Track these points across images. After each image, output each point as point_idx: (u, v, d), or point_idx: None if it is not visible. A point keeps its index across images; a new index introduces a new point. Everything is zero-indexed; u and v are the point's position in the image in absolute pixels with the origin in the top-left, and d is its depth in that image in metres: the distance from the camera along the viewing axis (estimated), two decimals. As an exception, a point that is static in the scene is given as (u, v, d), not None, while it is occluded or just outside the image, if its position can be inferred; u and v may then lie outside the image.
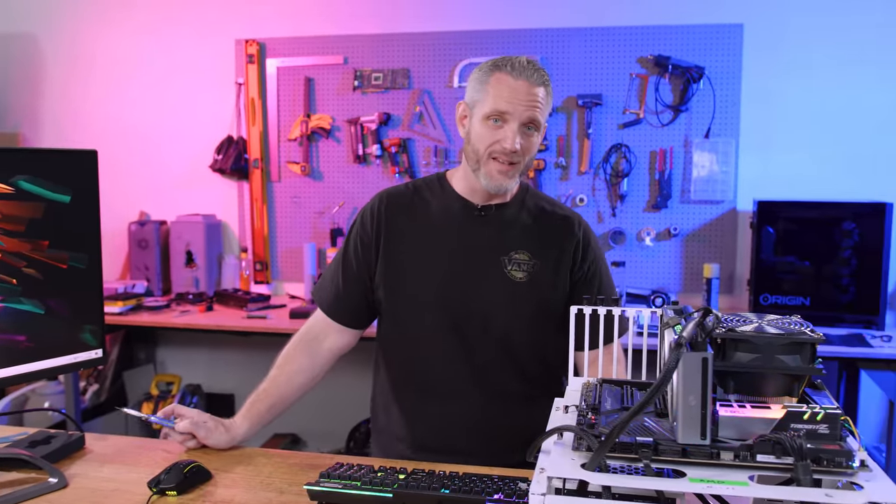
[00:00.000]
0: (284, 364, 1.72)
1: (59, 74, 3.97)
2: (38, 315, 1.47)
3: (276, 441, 3.66)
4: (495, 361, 1.67)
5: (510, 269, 1.66)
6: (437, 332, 1.67)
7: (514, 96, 1.56)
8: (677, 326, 0.95)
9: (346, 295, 1.74)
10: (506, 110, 1.57)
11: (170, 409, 1.59)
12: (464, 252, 1.68)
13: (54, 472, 1.41)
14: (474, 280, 1.67)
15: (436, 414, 1.69)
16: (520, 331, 1.67)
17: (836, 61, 3.21)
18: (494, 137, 1.58)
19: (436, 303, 1.67)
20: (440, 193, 1.73)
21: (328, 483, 1.28)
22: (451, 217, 1.70)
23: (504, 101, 1.57)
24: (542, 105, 1.60)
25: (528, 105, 1.57)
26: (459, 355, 1.67)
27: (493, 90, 1.58)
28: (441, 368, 1.68)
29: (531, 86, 1.57)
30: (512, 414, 1.68)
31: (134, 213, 3.92)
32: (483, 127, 1.60)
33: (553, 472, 0.86)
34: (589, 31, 3.39)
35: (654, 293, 3.22)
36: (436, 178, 1.77)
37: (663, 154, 3.35)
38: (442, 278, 1.67)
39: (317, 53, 3.65)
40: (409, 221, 1.71)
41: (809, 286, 3.07)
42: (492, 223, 1.69)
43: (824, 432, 0.86)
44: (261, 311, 3.37)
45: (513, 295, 1.66)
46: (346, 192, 3.68)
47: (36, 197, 1.44)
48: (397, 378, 1.75)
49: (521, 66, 1.58)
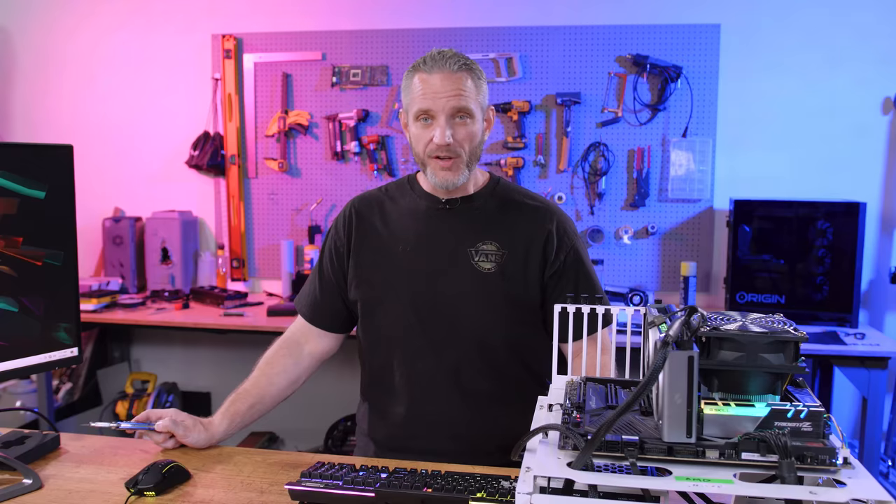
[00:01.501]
0: (266, 366, 1.71)
1: (31, 68, 3.90)
2: (12, 313, 1.44)
3: (254, 439, 3.64)
4: (467, 359, 1.64)
5: (477, 260, 1.63)
6: (405, 329, 1.65)
7: (432, 92, 1.56)
8: (662, 325, 0.95)
9: (322, 301, 1.75)
10: (428, 107, 1.57)
11: (144, 415, 1.57)
12: (430, 248, 1.66)
13: (29, 472, 1.38)
14: (441, 274, 1.64)
15: (408, 414, 1.67)
16: (491, 325, 1.63)
17: (812, 62, 3.25)
18: (427, 136, 1.58)
19: (404, 300, 1.65)
20: (409, 193, 1.73)
21: (309, 482, 1.27)
22: (417, 214, 1.69)
23: (424, 98, 1.56)
24: (467, 91, 1.57)
25: (448, 95, 1.55)
26: (430, 353, 1.65)
27: (415, 91, 1.58)
28: (411, 367, 1.66)
29: (448, 75, 1.56)
30: (486, 415, 1.65)
31: (108, 210, 3.86)
32: (416, 128, 1.60)
33: (539, 471, 0.86)
34: (568, 30, 3.40)
35: (631, 291, 3.24)
36: (406, 179, 1.77)
37: (641, 153, 3.37)
38: (408, 275, 1.66)
39: (295, 49, 3.63)
40: (378, 223, 1.71)
41: (785, 284, 3.11)
42: (457, 216, 1.67)
43: (808, 430, 0.87)
44: (238, 309, 3.34)
45: (482, 286, 1.62)
46: (323, 189, 3.66)
47: (10, 192, 1.41)
48: (371, 377, 1.74)
49: (432, 59, 1.57)
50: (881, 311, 3.27)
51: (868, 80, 3.22)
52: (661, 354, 0.85)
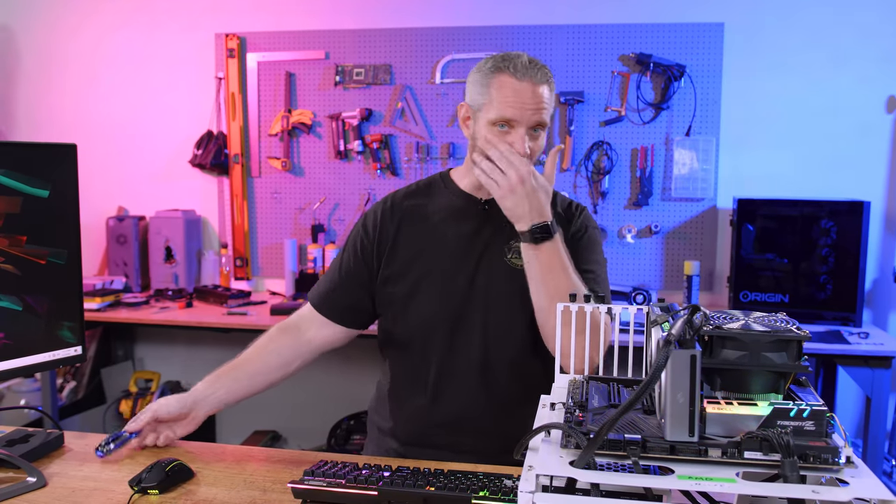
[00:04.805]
0: (261, 345, 1.70)
1: (34, 67, 3.91)
2: (15, 311, 1.44)
3: (257, 438, 3.64)
4: (497, 357, 1.64)
5: (510, 258, 1.63)
6: (439, 325, 1.65)
7: (519, 101, 1.53)
8: (665, 324, 0.95)
9: (340, 290, 1.72)
10: (512, 117, 1.53)
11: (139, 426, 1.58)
12: (467, 246, 1.66)
13: (33, 471, 1.38)
14: (476, 271, 1.64)
15: (434, 409, 1.67)
16: (523, 323, 1.62)
17: (816, 61, 3.25)
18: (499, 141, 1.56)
19: (439, 297, 1.65)
20: (444, 191, 1.72)
21: (312, 481, 1.27)
22: (455, 214, 1.68)
23: (510, 107, 1.53)
24: (548, 105, 1.57)
25: (534, 109, 1.54)
26: (461, 349, 1.64)
27: (497, 94, 1.54)
28: (442, 363, 1.65)
29: (535, 86, 1.54)
30: (513, 413, 1.63)
31: (112, 209, 3.87)
32: (490, 132, 1.56)
33: (541, 470, 0.86)
34: (571, 29, 3.40)
35: (635, 290, 3.24)
36: (439, 176, 1.75)
37: (644, 152, 3.37)
38: (443, 272, 1.65)
39: (298, 48, 3.63)
40: (413, 221, 1.70)
41: (788, 283, 3.10)
42: (495, 216, 1.64)
43: (810, 429, 0.86)
44: (241, 308, 3.34)
45: (513, 283, 1.61)
46: (327, 188, 3.66)
47: (13, 191, 1.41)
48: (398, 372, 1.73)
49: (523, 66, 1.54)
50: (885, 310, 3.26)
51: (872, 79, 3.21)
52: (663, 353, 0.85)
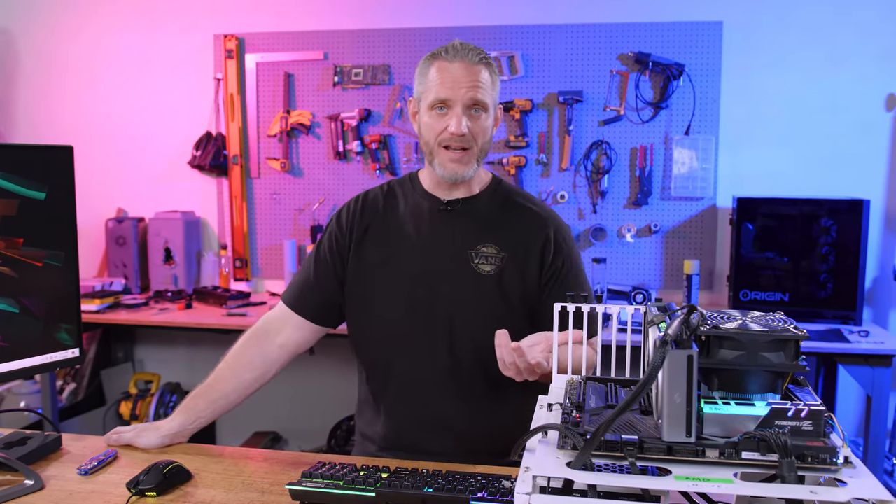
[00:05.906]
0: (231, 359, 1.69)
1: (34, 69, 3.91)
2: (13, 314, 1.44)
3: (257, 439, 3.64)
4: (465, 360, 1.63)
5: (477, 263, 1.63)
6: (404, 329, 1.65)
7: (452, 81, 1.55)
8: (662, 324, 0.95)
9: (315, 287, 1.71)
10: (447, 97, 1.56)
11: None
12: (430, 249, 1.66)
13: (30, 473, 1.38)
14: (440, 275, 1.64)
15: (405, 415, 1.67)
16: (488, 328, 1.59)
17: (815, 59, 3.24)
18: (441, 125, 1.58)
19: (403, 300, 1.65)
20: (410, 191, 1.72)
21: (310, 482, 1.27)
22: (419, 214, 1.69)
23: (443, 87, 1.56)
24: (485, 85, 1.57)
25: (468, 86, 1.55)
26: (427, 354, 1.64)
27: (433, 79, 1.58)
28: (410, 367, 1.65)
29: (468, 66, 1.56)
30: (486, 414, 1.64)
31: (111, 210, 3.87)
32: (429, 117, 1.59)
33: (538, 471, 0.85)
34: (570, 28, 3.39)
35: (634, 289, 3.24)
36: (408, 177, 1.76)
37: (644, 151, 3.36)
38: (408, 275, 1.65)
39: (296, 49, 3.62)
40: (381, 222, 1.70)
41: (788, 282, 3.09)
42: (458, 217, 1.66)
43: (808, 429, 0.86)
44: (241, 309, 3.34)
45: (480, 289, 1.63)
46: (326, 189, 3.66)
47: (10, 194, 1.41)
48: (369, 377, 1.73)
49: (454, 49, 1.57)
50: (885, 308, 3.25)
51: (871, 77, 3.21)
52: (660, 353, 0.84)
